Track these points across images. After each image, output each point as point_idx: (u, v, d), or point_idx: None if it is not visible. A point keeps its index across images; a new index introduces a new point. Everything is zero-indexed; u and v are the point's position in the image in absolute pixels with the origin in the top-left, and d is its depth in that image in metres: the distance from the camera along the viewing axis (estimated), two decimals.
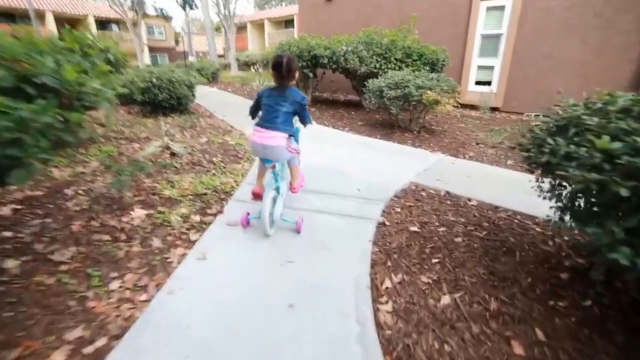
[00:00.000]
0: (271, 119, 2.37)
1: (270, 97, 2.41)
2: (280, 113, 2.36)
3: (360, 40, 6.63)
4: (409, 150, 4.94)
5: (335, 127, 6.25)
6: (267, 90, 2.47)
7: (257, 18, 29.99)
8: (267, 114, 2.40)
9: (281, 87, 2.39)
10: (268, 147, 2.36)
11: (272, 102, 2.39)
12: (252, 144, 2.45)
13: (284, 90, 2.39)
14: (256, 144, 2.39)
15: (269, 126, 2.35)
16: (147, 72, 6.29)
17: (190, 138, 5.18)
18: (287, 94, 2.38)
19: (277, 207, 2.53)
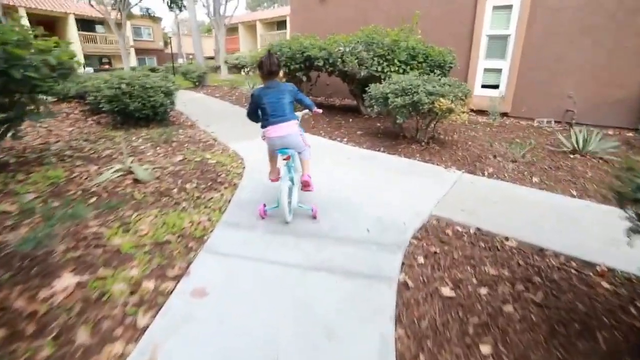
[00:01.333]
0: (280, 113, 2.57)
1: (268, 95, 2.57)
2: (284, 105, 2.58)
3: (359, 40, 5.92)
4: (420, 167, 4.23)
5: (332, 138, 5.52)
6: (261, 90, 2.61)
7: (248, 19, 29.19)
8: (274, 110, 2.56)
9: (273, 84, 2.59)
10: (285, 136, 2.60)
11: (274, 99, 2.57)
12: (271, 141, 2.67)
13: (277, 85, 2.60)
14: (274, 139, 2.63)
15: (280, 120, 2.57)
16: (116, 76, 5.48)
17: (163, 156, 4.40)
18: (281, 88, 2.60)
19: (294, 196, 2.75)
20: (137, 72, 5.96)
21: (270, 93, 2.57)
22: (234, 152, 4.71)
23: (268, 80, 2.59)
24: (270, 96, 2.57)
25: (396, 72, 5.68)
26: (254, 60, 7.73)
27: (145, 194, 3.25)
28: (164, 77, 6.11)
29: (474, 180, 3.86)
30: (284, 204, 2.57)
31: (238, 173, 3.91)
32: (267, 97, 2.57)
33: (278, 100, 2.57)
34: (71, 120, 6.61)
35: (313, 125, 6.41)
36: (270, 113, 2.57)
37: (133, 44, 27.27)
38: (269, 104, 2.56)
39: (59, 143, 4.90)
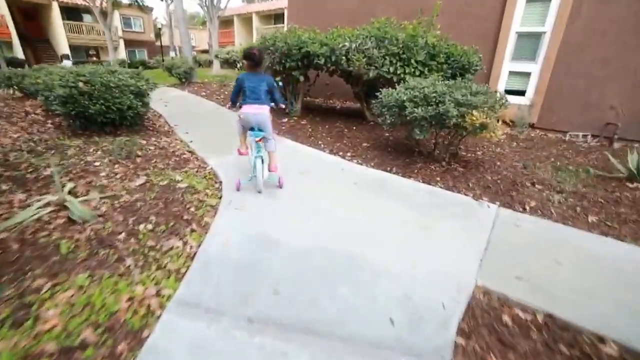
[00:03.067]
0: (257, 97, 3.06)
1: (251, 81, 3.07)
2: (262, 92, 3.07)
3: (368, 35, 4.98)
4: (444, 197, 3.34)
5: (333, 152, 4.61)
6: (246, 75, 3.10)
7: (244, 11, 27.99)
8: (253, 94, 3.05)
9: (257, 73, 3.12)
10: (258, 114, 3.07)
11: (254, 84, 3.06)
12: (245, 116, 3.09)
13: (259, 75, 3.12)
14: (249, 114, 3.07)
15: (256, 102, 3.07)
16: (70, 72, 4.49)
17: (120, 179, 3.45)
18: (262, 77, 3.12)
19: (265, 170, 3.20)
20: (102, 67, 4.97)
21: (252, 79, 3.08)
22: (211, 172, 3.78)
23: (252, 69, 3.11)
24: (251, 81, 3.06)
25: (411, 75, 4.76)
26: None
27: (77, 243, 2.33)
28: (134, 74, 5.13)
29: (517, 219, 2.99)
30: (259, 177, 3.12)
31: (212, 206, 3.00)
32: (249, 81, 3.06)
33: (257, 85, 3.05)
34: (27, 122, 5.62)
35: (310, 134, 5.49)
36: (249, 95, 3.06)
37: (122, 35, 25.96)
38: (249, 88, 3.05)
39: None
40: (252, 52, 3.04)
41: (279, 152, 3.42)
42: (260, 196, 3.15)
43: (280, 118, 6.43)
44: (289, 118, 6.41)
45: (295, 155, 4.36)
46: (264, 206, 2.96)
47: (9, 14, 20.60)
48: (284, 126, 5.93)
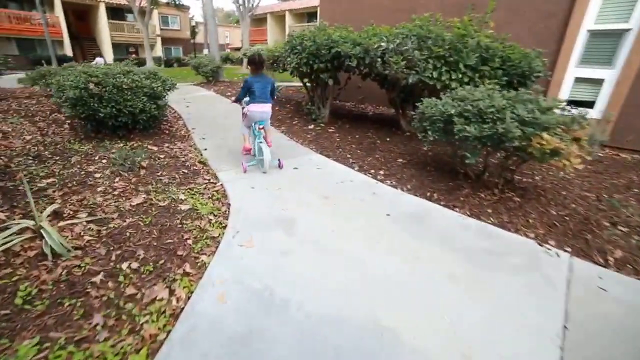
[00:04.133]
0: (264, 97, 3.62)
1: (258, 83, 3.57)
2: (267, 92, 3.63)
3: (408, 34, 4.30)
4: (499, 239, 2.62)
5: (363, 169, 3.98)
6: (253, 79, 3.58)
7: (277, 9, 27.82)
8: (261, 94, 3.58)
9: (261, 76, 3.63)
10: (265, 112, 3.68)
11: (261, 86, 3.58)
12: (253, 114, 3.63)
13: (264, 77, 3.65)
14: (257, 112, 3.63)
15: (264, 101, 3.62)
16: (82, 73, 4.19)
17: (118, 195, 3.05)
18: (267, 80, 3.65)
19: (268, 152, 3.63)
20: (117, 67, 4.65)
21: (259, 81, 3.58)
22: (221, 190, 3.29)
23: (257, 72, 3.62)
24: (258, 84, 3.57)
25: (458, 81, 4.03)
26: (270, 56, 6.34)
27: (40, 287, 1.89)
28: (151, 74, 4.78)
29: (599, 278, 2.22)
30: (266, 158, 3.60)
31: (214, 238, 2.49)
32: (256, 84, 3.56)
33: (264, 87, 3.59)
34: (46, 122, 5.46)
35: (338, 144, 4.89)
36: (258, 96, 3.57)
37: (160, 33, 26.64)
38: (257, 89, 3.56)
39: None
40: (253, 57, 3.64)
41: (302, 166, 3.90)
42: (272, 229, 2.61)
43: (306, 125, 5.89)
44: (315, 125, 5.85)
45: (320, 173, 3.79)
46: (275, 244, 2.41)
47: (63, 16, 21.87)
48: (309, 134, 5.38)
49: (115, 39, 24.72)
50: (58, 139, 4.57)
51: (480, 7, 4.75)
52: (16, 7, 21.46)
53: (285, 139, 5.14)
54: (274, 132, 5.49)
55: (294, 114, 6.78)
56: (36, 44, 21.83)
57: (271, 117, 3.91)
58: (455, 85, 3.99)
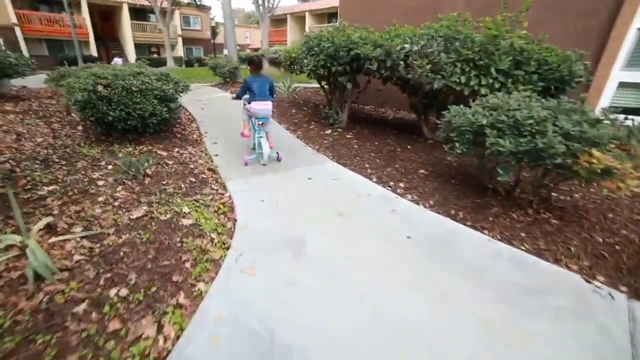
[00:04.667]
0: (264, 95, 3.81)
1: (257, 82, 3.80)
2: (266, 90, 3.83)
3: (434, 35, 3.96)
4: (535, 269, 2.25)
5: (382, 180, 3.67)
6: (252, 79, 3.83)
7: (297, 10, 27.68)
8: (260, 92, 3.79)
9: (259, 75, 3.87)
10: (266, 109, 3.84)
11: (259, 85, 3.80)
12: (255, 111, 3.82)
13: (262, 77, 3.88)
14: (258, 109, 3.81)
15: (264, 99, 3.81)
16: (91, 75, 4.08)
17: (118, 207, 2.87)
18: (265, 79, 3.88)
19: (267, 146, 3.87)
20: (129, 67, 4.53)
21: (258, 81, 3.83)
22: (228, 203, 3.06)
23: (256, 72, 3.92)
24: (258, 83, 3.81)
25: (488, 87, 3.65)
26: (287, 57, 6.12)
27: (14, 319, 1.70)
28: (162, 75, 4.63)
29: None
30: (265, 151, 3.85)
31: (214, 261, 2.25)
32: (256, 83, 3.81)
33: (262, 86, 3.83)
34: (61, 124, 5.43)
35: (356, 152, 4.59)
36: (257, 94, 3.79)
37: (181, 33, 27.02)
38: (257, 88, 3.79)
39: (2, 162, 3.60)
40: (252, 58, 4.00)
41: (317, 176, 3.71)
42: (279, 251, 2.35)
43: (324, 129, 5.62)
44: (332, 129, 5.57)
45: (335, 184, 3.50)
46: (281, 271, 2.15)
47: (89, 17, 22.58)
48: (326, 140, 5.10)
49: (138, 39, 25.22)
50: (69, 141, 4.49)
51: (512, 6, 4.33)
52: (47, 9, 22.27)
53: (301, 144, 4.89)
54: (288, 135, 5.25)
55: (311, 117, 6.52)
56: (64, 45, 22.60)
57: (287, 121, 4.25)
58: (485, 92, 3.62)
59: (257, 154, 4.07)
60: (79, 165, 3.65)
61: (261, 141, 3.89)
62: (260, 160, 4.00)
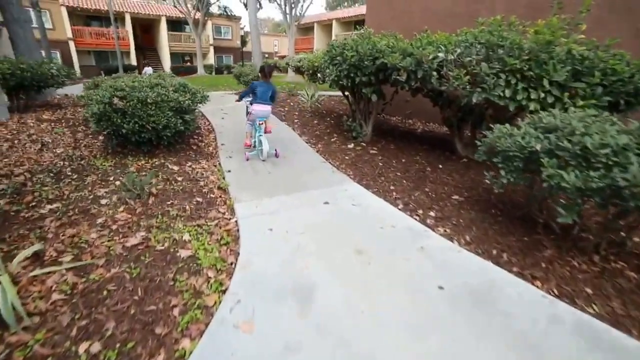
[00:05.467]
0: (266, 98, 4.30)
1: (262, 87, 4.28)
2: (268, 95, 4.31)
3: (473, 42, 3.48)
4: (610, 344, 1.72)
5: (408, 209, 3.22)
6: (259, 83, 4.34)
7: (325, 18, 27.68)
8: (263, 95, 4.27)
9: (266, 82, 4.35)
10: (265, 111, 4.33)
11: (264, 89, 4.29)
12: (256, 112, 4.29)
13: (268, 84, 4.34)
14: (259, 111, 4.28)
15: (265, 102, 4.29)
16: (109, 86, 3.96)
17: (115, 231, 2.63)
18: (269, 86, 4.35)
19: (267, 144, 4.29)
20: (146, 79, 4.40)
21: (263, 86, 4.30)
22: (233, 230, 2.74)
23: (264, 79, 4.40)
24: (262, 88, 4.29)
25: (538, 102, 3.11)
26: (310, 66, 5.83)
27: None
28: (180, 86, 4.47)
29: None
30: (264, 149, 4.26)
31: (207, 308, 1.92)
32: (260, 87, 4.28)
33: (265, 91, 4.30)
34: (84, 133, 5.43)
35: (380, 171, 4.16)
36: (260, 97, 4.26)
37: (213, 42, 27.83)
38: (260, 92, 4.27)
39: (18, 175, 3.51)
40: (262, 67, 4.44)
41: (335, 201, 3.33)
42: (282, 300, 1.98)
43: (346, 143, 5.24)
44: (355, 143, 5.18)
45: (355, 212, 3.10)
46: (281, 329, 1.77)
47: (131, 29, 23.94)
48: (347, 156, 4.71)
49: (173, 48, 26.26)
50: (86, 152, 4.42)
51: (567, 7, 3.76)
52: (97, 24, 23.98)
53: (320, 160, 4.52)
54: (308, 150, 4.91)
55: (334, 129, 6.16)
56: (109, 55, 24.14)
57: (308, 133, 4.98)
58: (535, 107, 3.09)
59: (257, 150, 4.47)
60: (88, 180, 3.50)
61: (261, 139, 4.34)
62: (260, 156, 4.42)
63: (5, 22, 8.81)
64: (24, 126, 5.92)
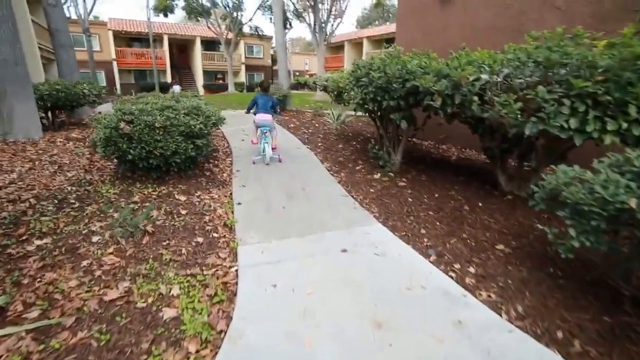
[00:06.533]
0: (266, 108, 5.09)
1: (263, 98, 5.16)
2: (268, 106, 5.11)
3: (525, 60, 2.92)
4: None
5: (442, 261, 2.66)
6: (260, 95, 5.25)
7: (355, 37, 27.73)
8: (264, 106, 5.09)
9: (266, 95, 5.28)
10: (266, 120, 5.05)
11: (264, 101, 5.12)
12: (258, 121, 5.09)
13: (268, 96, 5.27)
14: (260, 120, 5.06)
15: (265, 112, 5.07)
16: (117, 109, 3.79)
17: (97, 279, 2.29)
18: (270, 98, 5.25)
19: (270, 149, 5.03)
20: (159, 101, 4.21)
21: (263, 98, 5.18)
22: (231, 284, 2.32)
23: (264, 92, 5.36)
24: (263, 99, 5.15)
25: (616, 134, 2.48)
26: (334, 86, 5.50)
27: None
28: (193, 108, 4.23)
29: None
30: (267, 154, 4.99)
31: None
32: (261, 99, 5.15)
33: (266, 102, 5.13)
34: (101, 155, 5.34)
35: (409, 209, 3.62)
36: (261, 107, 5.09)
37: (244, 61, 28.65)
38: (261, 103, 5.11)
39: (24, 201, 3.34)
40: (262, 82, 5.62)
41: (354, 247, 2.82)
42: None
43: (372, 172, 4.75)
44: (382, 174, 4.66)
45: (378, 264, 2.58)
46: None
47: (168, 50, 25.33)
48: (373, 188, 4.21)
49: (206, 67, 27.30)
50: (97, 177, 4.25)
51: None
52: (138, 45, 25.77)
53: (342, 193, 4.04)
54: (329, 179, 4.46)
55: (359, 154, 5.70)
56: (147, 74, 25.58)
57: (331, 159, 5.42)
58: (611, 140, 2.47)
59: (262, 155, 5.13)
60: (87, 210, 3.25)
61: (265, 146, 5.02)
62: (264, 160, 5.09)
63: (54, 47, 9.54)
64: (51, 145, 5.99)
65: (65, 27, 9.70)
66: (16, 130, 6.06)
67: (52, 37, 9.48)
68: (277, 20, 10.49)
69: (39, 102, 6.81)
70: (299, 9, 19.93)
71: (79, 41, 22.08)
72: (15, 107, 6.12)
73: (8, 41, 6.16)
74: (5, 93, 6.09)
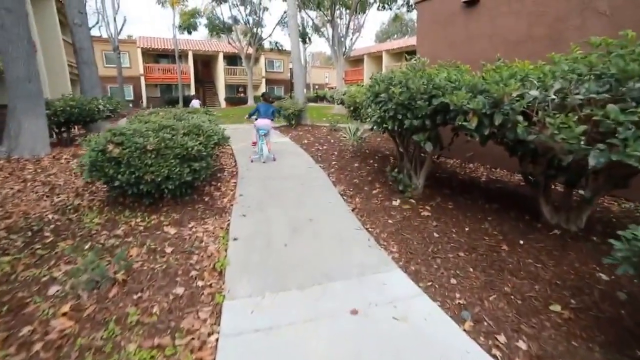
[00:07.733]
0: (266, 115, 6.06)
1: (264, 107, 6.17)
2: (269, 113, 6.12)
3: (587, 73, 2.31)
4: None
5: (480, 330, 2.05)
6: (261, 104, 6.23)
7: (374, 50, 27.43)
8: (264, 113, 6.08)
9: (267, 104, 6.28)
10: (266, 125, 5.98)
11: (265, 109, 6.13)
12: (259, 125, 6.00)
13: (268, 105, 6.27)
14: (261, 125, 5.97)
15: (266, 118, 6.04)
16: (108, 130, 3.45)
17: (30, 358, 1.82)
18: (270, 107, 6.25)
19: (267, 149, 5.98)
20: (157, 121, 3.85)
21: (264, 106, 6.17)
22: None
23: (265, 102, 6.36)
24: (264, 107, 6.14)
25: None
26: (350, 102, 5.06)
27: None
28: (194, 127, 3.84)
29: None
30: (264, 154, 5.94)
31: None
32: (262, 107, 6.15)
33: (267, 110, 6.11)
34: None
35: (434, 247, 3.01)
36: (262, 114, 6.08)
37: (265, 75, 28.89)
38: (262, 110, 6.11)
39: None
40: (264, 94, 6.94)
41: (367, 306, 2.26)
42: None
43: (390, 198, 4.17)
44: (402, 200, 4.07)
45: (397, 333, 1.98)
46: None
47: (193, 65, 26.01)
48: (391, 219, 3.62)
49: (228, 81, 27.75)
50: (86, 202, 3.91)
51: None
52: (165, 61, 26.66)
53: (354, 225, 3.48)
54: (341, 207, 3.90)
55: (377, 176, 5.12)
56: (172, 88, 26.31)
57: (345, 181, 4.90)
58: None
59: (259, 154, 6.01)
60: (59, 248, 2.85)
61: (262, 146, 5.96)
62: (261, 159, 5.99)
63: (77, 64, 9.79)
64: (54, 163, 5.80)
65: (89, 46, 9.92)
66: (21, 147, 5.93)
67: (76, 54, 9.76)
68: (293, 34, 10.24)
69: (52, 118, 6.76)
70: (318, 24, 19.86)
71: (110, 58, 23.25)
72: (24, 123, 6.02)
73: (22, 58, 6.13)
74: (15, 109, 6.02)
